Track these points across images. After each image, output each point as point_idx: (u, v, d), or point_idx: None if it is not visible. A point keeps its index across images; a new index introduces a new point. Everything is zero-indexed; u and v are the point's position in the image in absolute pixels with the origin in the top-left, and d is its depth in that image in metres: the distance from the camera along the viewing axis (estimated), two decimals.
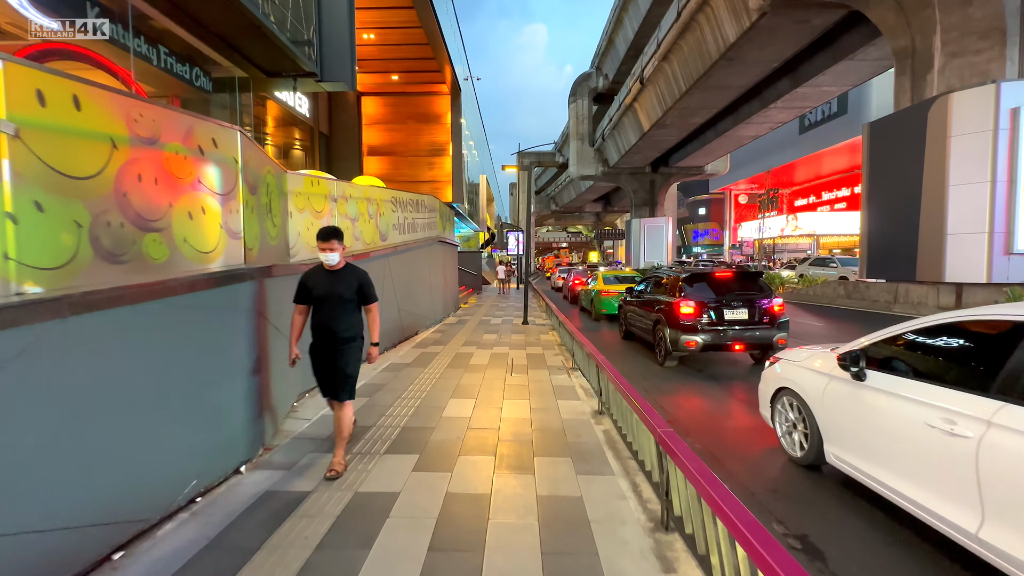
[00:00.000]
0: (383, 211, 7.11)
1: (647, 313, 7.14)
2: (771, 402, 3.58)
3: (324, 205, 5.16)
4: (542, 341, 8.29)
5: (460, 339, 8.45)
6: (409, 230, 8.50)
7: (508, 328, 9.96)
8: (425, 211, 9.68)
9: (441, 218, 11.28)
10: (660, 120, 22.93)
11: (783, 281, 18.09)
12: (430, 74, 20.38)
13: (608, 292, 11.31)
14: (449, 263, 12.33)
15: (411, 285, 8.57)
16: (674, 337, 6.02)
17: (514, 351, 7.31)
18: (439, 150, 22.62)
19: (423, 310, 9.34)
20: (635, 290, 8.28)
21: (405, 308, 8.05)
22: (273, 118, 13.00)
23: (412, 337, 8.47)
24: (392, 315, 7.37)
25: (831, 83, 17.92)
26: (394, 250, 7.34)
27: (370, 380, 5.41)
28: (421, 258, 9.30)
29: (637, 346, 8.23)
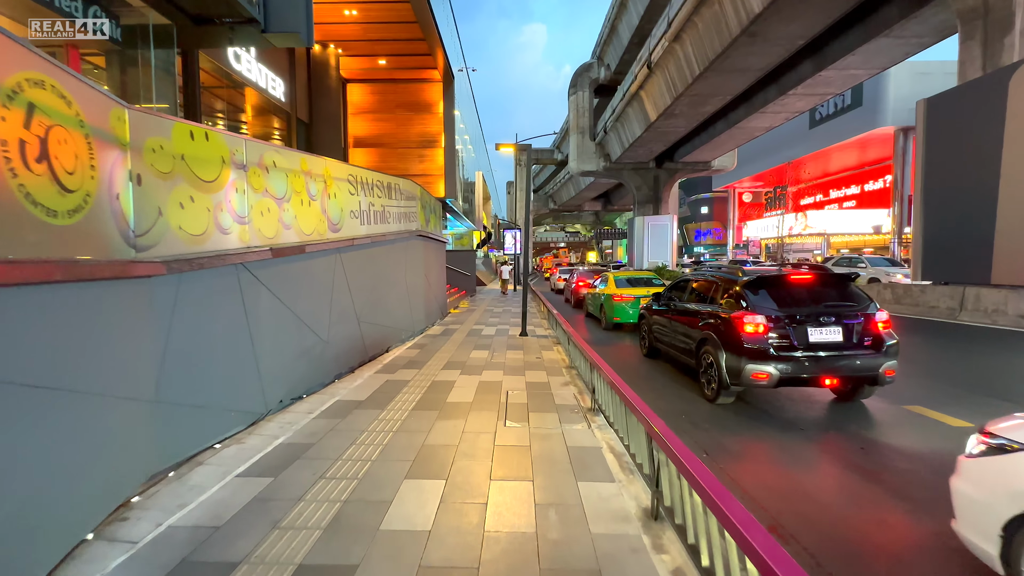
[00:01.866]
0: (335, 192, 5.32)
1: (686, 328, 5.38)
2: (1005, 532, 1.82)
3: (218, 172, 3.37)
4: (546, 361, 6.51)
5: (441, 358, 6.66)
6: (378, 220, 6.72)
7: (503, 341, 8.19)
8: (402, 198, 7.90)
9: (424, 209, 9.50)
10: (669, 109, 21.23)
11: None
12: (420, 58, 18.63)
13: (622, 297, 9.55)
14: (434, 263, 10.54)
15: (379, 290, 6.78)
16: (734, 365, 4.26)
17: (509, 378, 5.53)
18: (431, 142, 20.93)
19: (397, 320, 7.55)
20: (662, 296, 6.52)
21: (369, 320, 6.26)
22: (238, 98, 11.16)
23: (380, 356, 6.68)
24: (347, 331, 5.58)
25: (860, 65, 16.26)
26: (350, 244, 5.55)
27: (291, 436, 3.62)
28: (395, 256, 7.52)
29: (666, 368, 6.47)
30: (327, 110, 18.32)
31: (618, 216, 74.05)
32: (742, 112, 21.84)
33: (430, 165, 20.64)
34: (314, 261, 4.72)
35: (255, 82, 11.51)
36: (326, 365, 5.00)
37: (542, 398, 4.70)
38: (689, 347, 5.28)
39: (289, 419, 3.97)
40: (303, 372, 4.54)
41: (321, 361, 4.88)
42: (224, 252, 3.38)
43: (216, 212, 3.36)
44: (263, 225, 3.91)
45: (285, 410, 4.17)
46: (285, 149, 4.28)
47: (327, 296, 5.04)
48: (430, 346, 7.63)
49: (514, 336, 8.80)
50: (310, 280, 4.68)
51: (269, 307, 3.98)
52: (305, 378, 4.58)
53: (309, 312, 4.63)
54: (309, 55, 17.59)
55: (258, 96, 11.82)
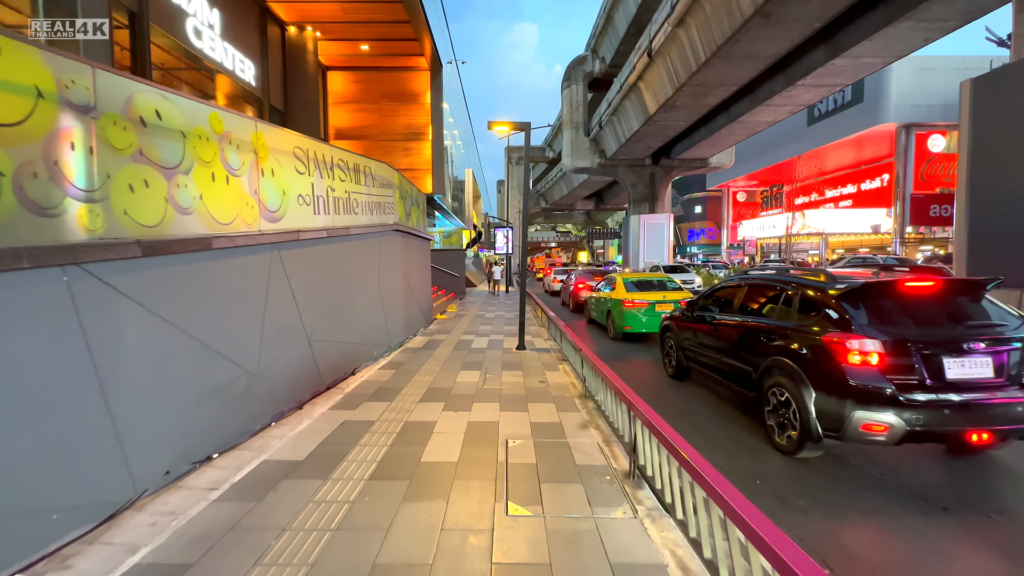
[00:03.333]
0: (273, 168, 3.93)
1: (739, 348, 4.09)
2: None
3: (27, 110, 1.98)
4: (552, 387, 5.17)
5: (421, 383, 5.29)
6: (341, 209, 5.32)
7: (497, 356, 6.83)
8: (374, 185, 6.51)
9: (404, 200, 8.11)
10: (669, 100, 20.09)
11: None
12: (406, 43, 17.26)
13: (633, 303, 8.26)
14: (417, 263, 9.16)
15: (342, 298, 5.38)
16: (832, 410, 2.98)
17: (508, 417, 4.17)
18: (417, 134, 19.59)
19: (367, 334, 6.15)
20: (697, 303, 5.23)
21: (327, 337, 4.86)
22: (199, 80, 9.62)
23: (343, 382, 5.28)
24: (291, 354, 4.18)
25: (875, 52, 15.23)
26: (295, 239, 4.14)
27: (162, 544, 2.22)
28: (365, 255, 6.13)
29: (703, 395, 5.18)
30: (304, 98, 16.76)
31: (610, 216, 73.12)
32: (745, 105, 20.80)
33: (416, 159, 19.30)
34: (233, 261, 3.32)
35: (220, 62, 10.02)
36: (254, 406, 3.59)
37: (556, 453, 3.35)
38: (745, 374, 3.99)
39: (175, 503, 2.58)
40: (212, 421, 3.14)
41: (245, 401, 3.48)
42: (34, 247, 1.99)
43: (22, 177, 1.97)
44: (132, 205, 2.51)
45: (175, 484, 2.78)
46: (179, 95, 2.89)
47: (256, 310, 3.65)
48: (408, 365, 6.24)
49: (510, 349, 7.45)
50: (226, 288, 3.29)
51: (143, 331, 2.58)
52: (216, 429, 3.18)
53: (224, 334, 3.24)
54: (284, 37, 16.08)
55: (224, 79, 10.34)
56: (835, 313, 3.14)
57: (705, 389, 5.46)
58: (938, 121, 26.20)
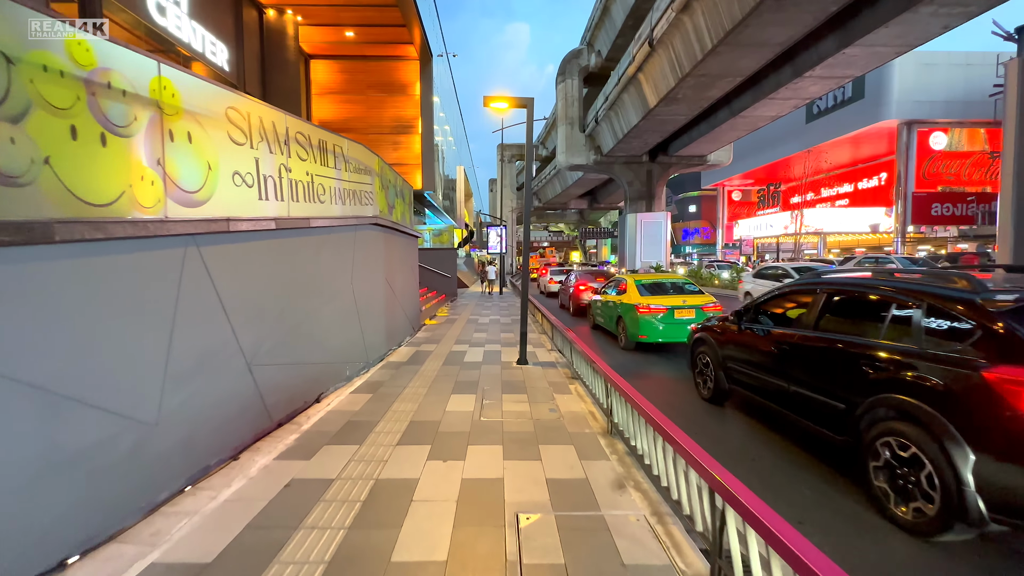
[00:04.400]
0: (192, 132, 2.83)
1: (823, 375, 3.08)
2: None
3: None
4: (567, 419, 4.12)
5: (401, 415, 4.20)
6: (301, 196, 4.22)
7: (495, 374, 5.76)
8: (348, 170, 5.41)
9: (386, 190, 7.01)
10: (671, 93, 19.19)
11: None
12: (393, 30, 16.16)
13: (650, 309, 7.24)
14: (402, 263, 8.06)
15: (300, 307, 4.26)
16: (1007, 483, 1.96)
17: (515, 469, 3.11)
18: (406, 127, 18.50)
19: (336, 350, 5.05)
20: (749, 312, 4.21)
21: (277, 359, 3.76)
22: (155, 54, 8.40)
23: (301, 414, 4.18)
24: (221, 388, 3.07)
25: (889, 41, 14.43)
26: (224, 230, 3.03)
27: None
28: (334, 254, 5.02)
29: (755, 428, 4.18)
30: (284, 87, 15.51)
31: (603, 215, 72.35)
32: (748, 98, 19.97)
33: (405, 153, 18.21)
34: (109, 260, 2.22)
35: (187, 43, 8.83)
36: (153, 469, 2.49)
37: (591, 542, 2.30)
38: (830, 410, 2.98)
39: None
40: (68, 504, 2.04)
41: (134, 465, 2.37)
42: None
43: None
44: None
45: None
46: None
47: (156, 329, 2.54)
48: (389, 386, 5.15)
49: (510, 364, 6.38)
50: (95, 299, 2.18)
51: None
52: (78, 515, 2.08)
53: (87, 371, 2.13)
54: (262, 20, 14.83)
55: (192, 63, 9.15)
56: (1003, 337, 2.14)
57: (754, 419, 4.45)
58: (940, 118, 25.65)
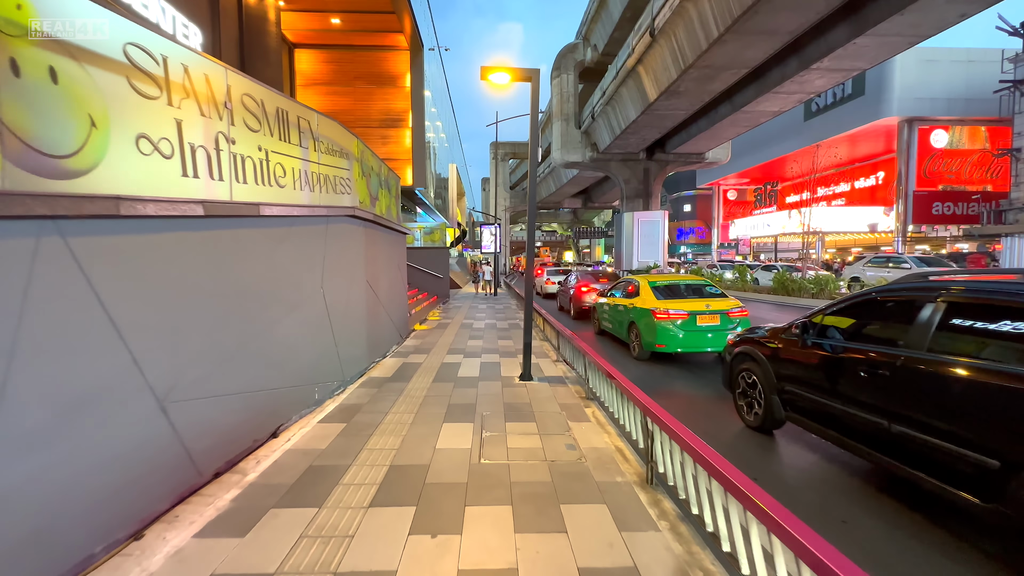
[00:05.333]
0: (51, 64, 1.89)
1: (950, 414, 2.25)
2: None
3: None
4: (592, 462, 3.24)
5: (378, 456, 3.28)
6: (250, 175, 3.30)
7: (495, 394, 4.87)
8: (319, 150, 4.48)
9: (368, 177, 6.08)
10: (672, 86, 18.43)
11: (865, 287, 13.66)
12: (382, 18, 15.20)
13: (668, 315, 6.39)
14: (387, 263, 7.13)
15: (246, 320, 3.33)
16: None
17: (532, 547, 2.22)
18: (396, 120, 17.55)
19: (301, 371, 4.12)
20: (816, 323, 3.35)
21: (210, 391, 2.82)
22: None
23: (250, 455, 3.24)
24: (116, 440, 2.14)
25: (903, 30, 13.77)
26: (110, 215, 2.11)
27: None
28: (294, 251, 4.09)
29: (828, 468, 3.35)
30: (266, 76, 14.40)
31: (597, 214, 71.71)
32: (751, 92, 19.29)
33: (395, 148, 17.26)
34: None
35: (155, 24, 7.82)
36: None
37: None
38: (966, 464, 2.14)
39: None
40: None
41: None
42: None
43: None
44: None
45: None
46: None
47: None
48: (366, 413, 4.23)
49: (511, 379, 5.49)
50: None
51: None
52: None
53: None
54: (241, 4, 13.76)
55: None
56: None
57: (819, 456, 3.61)
58: (941, 115, 25.23)
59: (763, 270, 21.03)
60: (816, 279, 14.70)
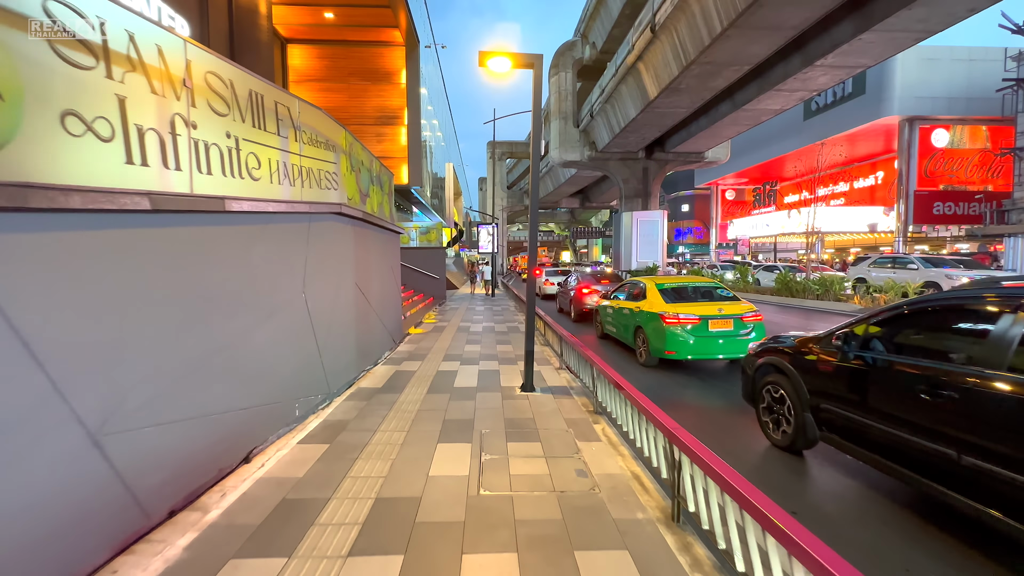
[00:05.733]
0: None
1: None
2: None
3: None
4: (607, 492, 2.84)
5: (363, 486, 2.87)
6: (222, 167, 2.89)
7: (495, 405, 4.46)
8: (300, 140, 4.06)
9: (357, 172, 5.66)
10: (673, 83, 18.08)
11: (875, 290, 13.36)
12: (377, 12, 14.75)
13: (678, 319, 6.01)
14: (378, 264, 6.71)
15: (211, 330, 2.91)
16: None
17: None
18: (391, 117, 17.11)
19: (278, 387, 3.70)
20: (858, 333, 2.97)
21: (164, 417, 2.41)
22: None
23: (215, 486, 2.82)
24: (33, 481, 1.72)
25: (910, 25, 13.45)
26: (16, 207, 1.70)
27: None
28: (268, 252, 3.67)
29: (885, 509, 2.97)
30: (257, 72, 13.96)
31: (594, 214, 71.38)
32: (753, 90, 18.97)
33: (391, 146, 16.82)
34: None
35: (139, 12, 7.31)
36: None
37: None
38: None
39: None
40: None
41: None
42: None
43: None
44: None
45: None
46: None
47: None
48: (352, 432, 3.81)
49: (512, 389, 5.09)
50: None
51: None
52: None
53: None
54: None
55: None
56: None
57: (859, 483, 3.23)
58: (942, 114, 25.00)
59: (764, 270, 20.71)
60: (821, 280, 14.37)
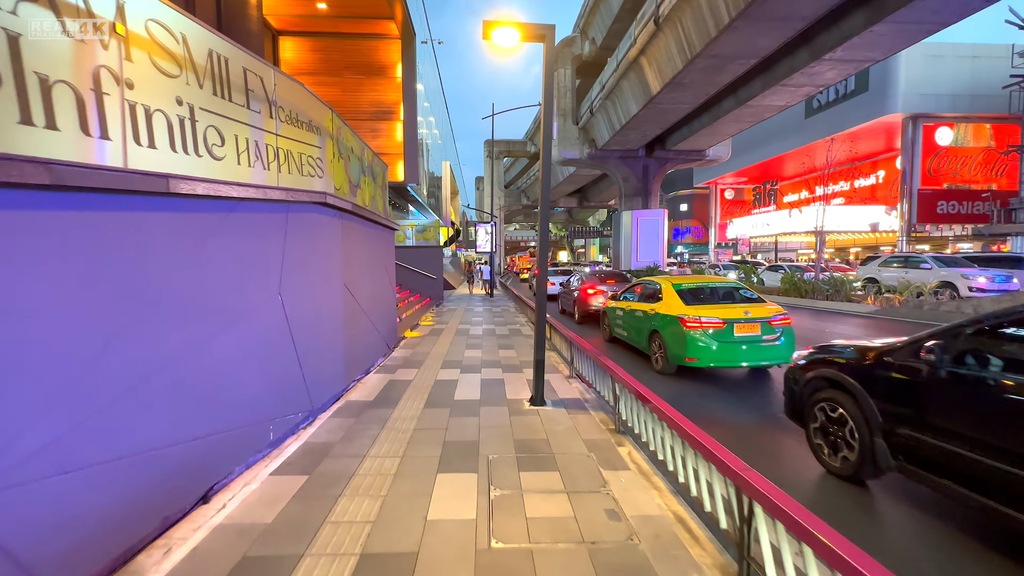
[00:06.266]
0: None
1: None
2: None
3: None
4: (648, 543, 2.28)
5: (342, 543, 2.28)
6: (171, 140, 2.31)
7: (502, 424, 3.90)
8: (275, 116, 3.48)
9: (345, 160, 5.07)
10: (677, 77, 17.59)
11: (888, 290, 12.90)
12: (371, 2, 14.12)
13: (701, 323, 5.46)
14: (370, 262, 6.13)
15: (158, 342, 2.33)
16: None
17: None
18: (386, 113, 16.51)
19: (243, 409, 3.12)
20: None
21: (72, 460, 1.83)
22: None
23: (156, 540, 2.25)
24: None
25: (923, 17, 13.01)
26: None
27: None
28: (232, 245, 3.09)
29: (997, 565, 2.44)
30: None
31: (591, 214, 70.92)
32: (758, 85, 18.49)
33: (386, 142, 16.21)
34: None
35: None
36: None
37: None
38: None
39: None
40: None
41: None
42: None
43: None
44: None
45: None
46: None
47: None
48: (336, 459, 3.24)
49: (519, 402, 4.52)
50: None
51: None
52: None
53: None
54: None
55: None
56: None
57: (950, 526, 2.69)
58: (946, 112, 24.66)
59: (769, 270, 20.26)
60: (831, 279, 13.90)
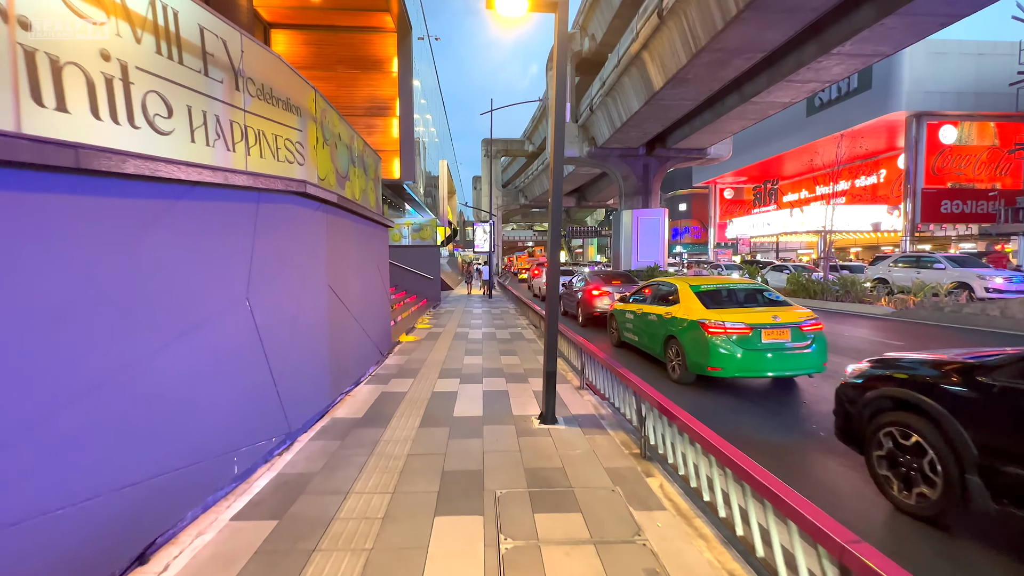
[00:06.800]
0: None
1: None
2: None
3: None
4: None
5: None
6: (102, 108, 1.77)
7: (509, 446, 3.38)
8: (250, 92, 2.94)
9: (331, 147, 4.53)
10: (681, 72, 17.15)
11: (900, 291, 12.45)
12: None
13: (725, 329, 4.95)
14: (361, 262, 5.59)
15: (49, 357, 1.80)
16: None
17: None
18: (382, 108, 16.00)
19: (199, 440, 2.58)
20: None
21: None
22: None
23: None
24: None
25: (936, 9, 12.60)
26: None
27: None
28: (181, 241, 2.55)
29: None
30: None
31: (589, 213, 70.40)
32: (763, 81, 18.09)
33: (382, 138, 15.67)
34: None
35: None
36: None
37: None
38: None
39: None
40: None
41: None
42: None
43: None
44: None
45: None
46: None
47: None
48: (311, 498, 2.70)
49: (527, 419, 4.00)
50: None
51: None
52: None
53: None
54: None
55: None
56: None
57: None
58: (950, 110, 24.32)
59: (774, 270, 19.84)
60: (841, 280, 13.47)
